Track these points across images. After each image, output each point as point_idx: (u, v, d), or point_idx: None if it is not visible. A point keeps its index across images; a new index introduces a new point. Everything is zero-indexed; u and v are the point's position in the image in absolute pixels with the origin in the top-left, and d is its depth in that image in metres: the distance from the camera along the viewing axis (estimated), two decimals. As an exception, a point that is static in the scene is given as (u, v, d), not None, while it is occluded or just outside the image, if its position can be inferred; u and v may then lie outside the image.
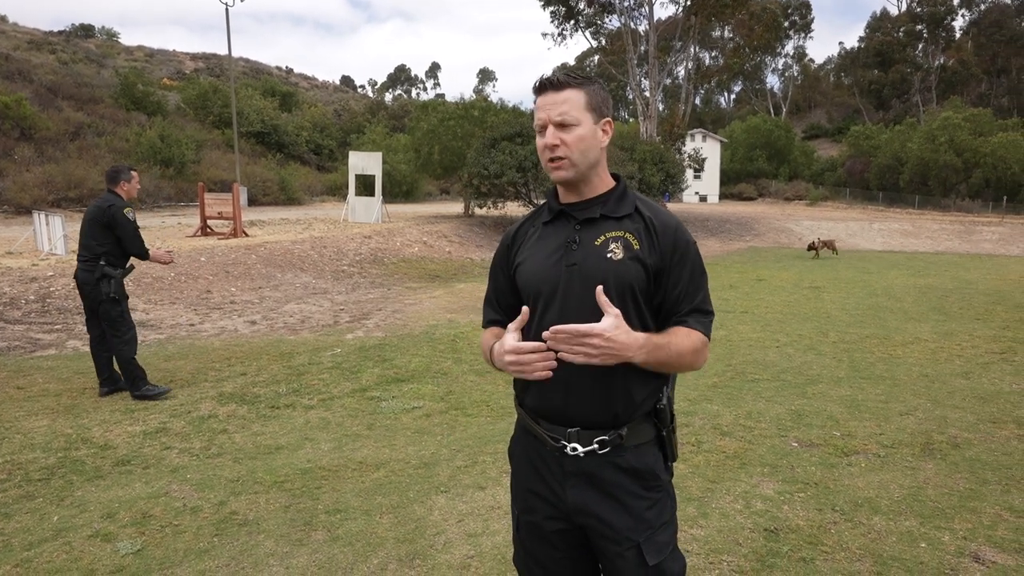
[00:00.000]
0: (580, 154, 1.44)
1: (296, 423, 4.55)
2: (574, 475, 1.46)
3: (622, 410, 1.44)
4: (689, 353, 1.42)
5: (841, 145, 51.02)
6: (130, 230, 4.92)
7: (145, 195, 22.51)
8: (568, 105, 1.42)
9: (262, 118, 35.06)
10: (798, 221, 28.68)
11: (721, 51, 43.13)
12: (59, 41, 51.48)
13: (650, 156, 20.44)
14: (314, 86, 72.36)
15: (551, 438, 1.47)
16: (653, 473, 1.47)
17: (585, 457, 1.44)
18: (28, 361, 6.22)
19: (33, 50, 43.24)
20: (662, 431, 1.49)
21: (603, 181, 1.52)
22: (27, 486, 3.47)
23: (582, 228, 1.47)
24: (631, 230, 1.46)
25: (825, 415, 4.65)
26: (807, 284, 12.18)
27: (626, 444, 1.45)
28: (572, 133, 1.42)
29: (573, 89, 1.43)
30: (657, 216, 1.48)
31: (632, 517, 1.44)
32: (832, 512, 3.18)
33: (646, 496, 1.46)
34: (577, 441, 1.44)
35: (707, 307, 1.48)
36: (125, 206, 4.95)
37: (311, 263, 12.86)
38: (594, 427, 1.44)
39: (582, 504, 1.46)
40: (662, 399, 1.48)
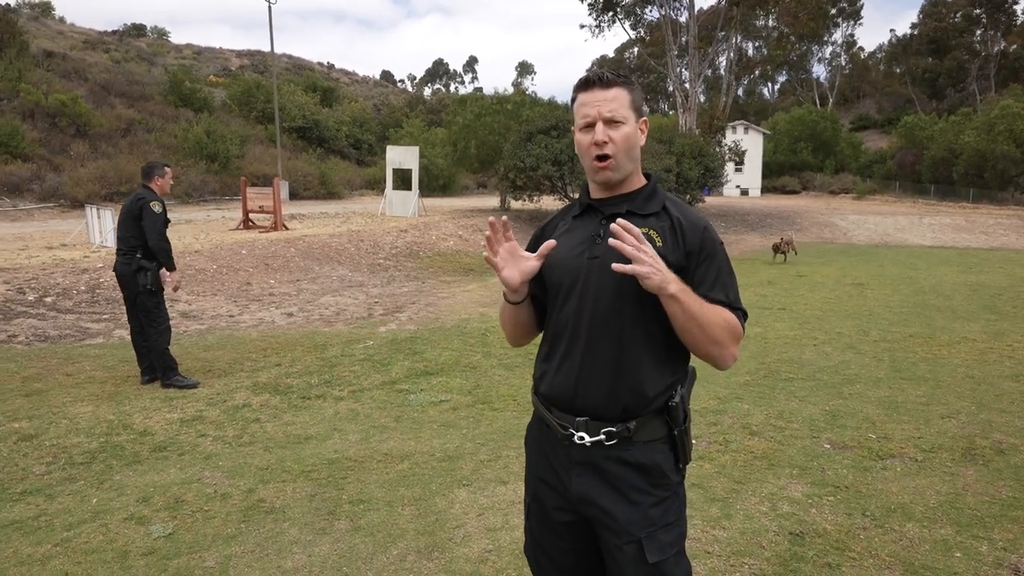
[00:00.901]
0: (626, 153, 1.45)
1: (326, 414, 4.64)
2: (580, 464, 1.47)
3: (632, 403, 1.43)
4: (723, 325, 1.39)
5: (891, 136, 49.20)
6: (151, 222, 5.04)
7: (191, 189, 23.23)
8: (617, 103, 1.43)
9: (304, 113, 35.72)
10: (843, 215, 27.82)
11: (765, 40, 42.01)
12: (113, 41, 53.36)
13: (689, 149, 20.06)
14: (355, 81, 73.37)
15: (560, 426, 1.48)
16: (661, 471, 1.45)
17: (592, 447, 1.44)
18: (77, 349, 6.49)
19: (88, 50, 44.92)
20: (674, 430, 1.47)
21: (637, 179, 1.53)
22: (70, 469, 3.63)
23: (608, 223, 1.47)
24: (656, 227, 1.46)
25: (861, 416, 4.51)
26: (850, 280, 11.82)
27: (635, 439, 1.44)
28: (620, 131, 1.44)
29: (620, 88, 1.45)
30: (685, 216, 1.48)
31: (635, 511, 1.43)
32: (862, 517, 3.09)
33: (652, 493, 1.45)
34: (585, 431, 1.44)
35: (739, 304, 1.46)
36: (154, 200, 5.11)
37: (348, 256, 13.08)
38: (603, 418, 1.44)
39: (585, 494, 1.47)
40: (675, 396, 1.47)
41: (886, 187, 42.76)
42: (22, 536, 2.90)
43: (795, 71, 65.68)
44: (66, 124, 23.71)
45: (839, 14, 59.37)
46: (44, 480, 3.49)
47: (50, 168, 21.04)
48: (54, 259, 10.02)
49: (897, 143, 45.17)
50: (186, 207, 21.47)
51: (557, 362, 1.50)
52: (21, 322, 7.36)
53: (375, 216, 19.41)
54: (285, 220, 15.92)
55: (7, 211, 18.11)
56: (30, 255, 10.41)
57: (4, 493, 3.32)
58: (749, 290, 10.63)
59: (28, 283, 8.58)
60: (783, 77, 68.65)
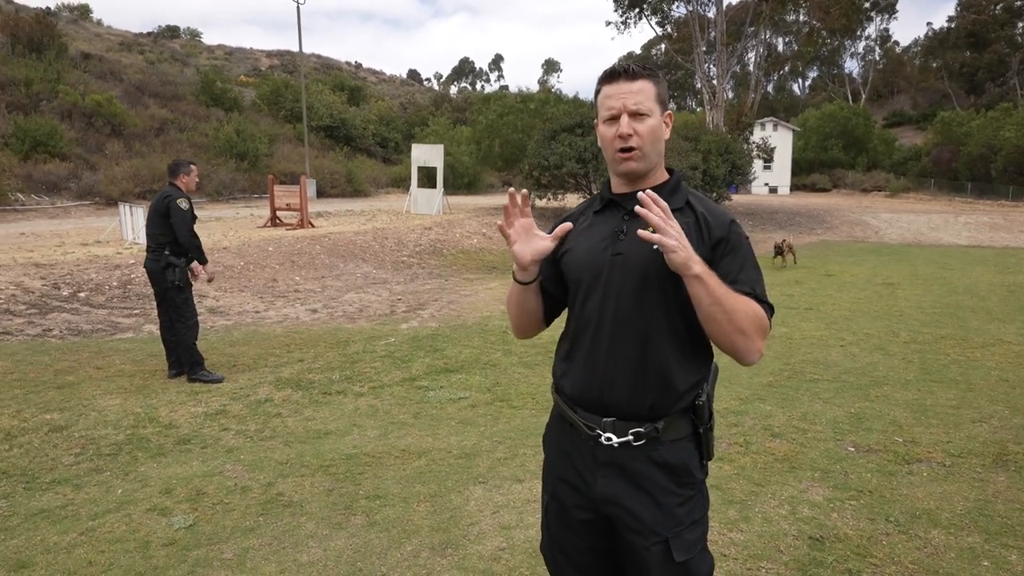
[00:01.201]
0: (651, 145, 1.44)
1: (346, 409, 4.69)
2: (606, 465, 1.45)
3: (659, 402, 1.42)
4: (750, 315, 1.34)
5: (926, 133, 47.91)
6: (179, 219, 5.16)
7: (221, 187, 23.67)
8: (643, 95, 1.42)
9: (331, 112, 36.11)
10: (875, 214, 27.19)
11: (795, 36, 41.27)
12: (147, 42, 54.59)
13: (715, 147, 19.79)
14: (382, 80, 73.96)
15: (586, 426, 1.46)
16: (687, 470, 1.45)
17: (619, 448, 1.43)
18: (108, 343, 6.66)
19: (124, 51, 46.01)
20: (699, 428, 1.47)
21: (661, 174, 1.51)
22: (97, 460, 3.73)
23: (631, 219, 1.45)
24: (679, 223, 1.42)
25: (888, 419, 4.40)
26: (881, 280, 11.55)
27: (662, 438, 1.43)
28: (645, 124, 1.42)
29: (646, 80, 1.43)
30: (709, 211, 1.46)
31: (662, 512, 1.42)
32: (886, 523, 3.02)
33: (678, 492, 1.44)
34: (612, 431, 1.42)
35: (766, 298, 1.41)
36: (180, 197, 5.22)
37: (372, 253, 13.20)
38: (630, 418, 1.42)
39: (612, 495, 1.45)
40: (701, 395, 1.46)
41: (920, 185, 41.68)
42: (49, 524, 2.99)
43: (826, 66, 64.36)
44: (102, 124, 24.33)
45: (872, 8, 57.99)
46: (72, 470, 3.58)
47: (86, 167, 21.61)
48: (88, 255, 10.29)
49: (932, 139, 43.97)
50: (216, 205, 21.88)
51: (580, 360, 1.48)
52: (56, 316, 7.58)
53: (400, 214, 19.55)
54: (311, 218, 16.13)
55: (45, 209, 18.66)
56: (66, 251, 10.71)
57: (34, 482, 3.42)
58: (775, 289, 10.46)
59: (63, 279, 8.82)
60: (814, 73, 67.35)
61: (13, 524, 2.99)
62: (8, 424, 4.23)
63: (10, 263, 9.43)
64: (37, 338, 6.76)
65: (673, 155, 17.88)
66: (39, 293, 8.26)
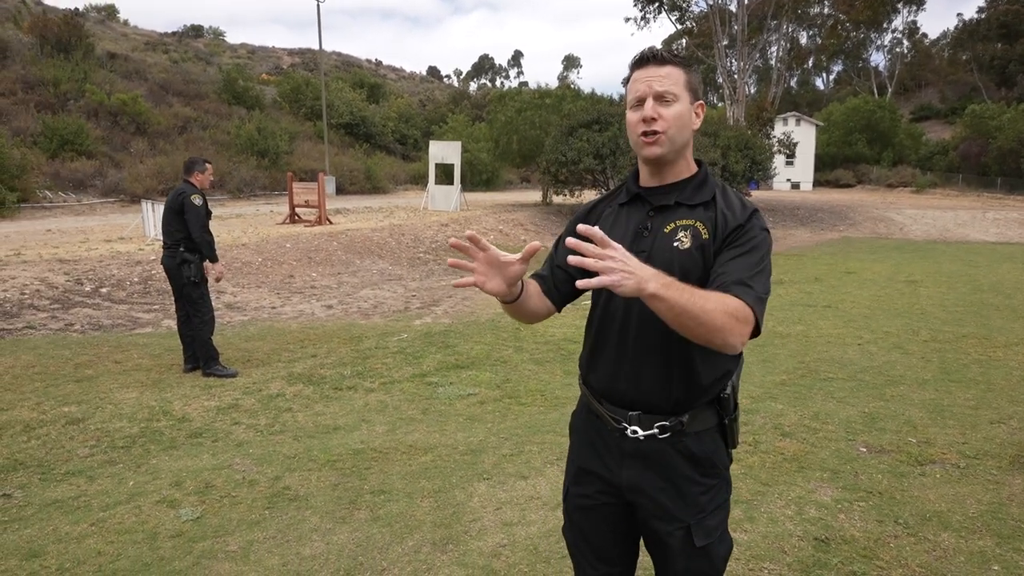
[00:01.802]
0: (676, 131, 1.41)
1: (356, 405, 4.73)
2: (632, 456, 1.47)
3: (684, 396, 1.43)
4: (718, 311, 1.24)
5: (955, 127, 46.79)
6: (193, 215, 5.23)
7: (242, 184, 23.97)
8: (670, 80, 1.40)
9: (351, 110, 36.35)
10: (900, 210, 26.65)
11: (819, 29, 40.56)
12: (172, 42, 55.39)
13: (735, 142, 19.55)
14: (401, 77, 74.25)
15: (613, 419, 1.48)
16: (711, 461, 1.47)
17: (645, 440, 1.45)
18: (127, 337, 6.78)
19: (149, 51, 46.74)
20: (724, 419, 1.48)
21: (687, 166, 1.49)
22: (111, 452, 3.80)
23: (655, 215, 1.45)
24: (704, 219, 1.42)
25: (902, 419, 4.32)
26: (903, 278, 11.33)
27: (687, 430, 1.44)
28: (671, 108, 1.39)
29: (676, 66, 1.42)
30: (730, 207, 1.43)
31: (686, 500, 1.45)
32: (894, 525, 2.97)
33: (702, 482, 1.46)
34: (638, 424, 1.44)
35: (757, 284, 1.33)
36: (194, 193, 5.29)
37: (388, 250, 13.27)
38: (656, 411, 1.44)
39: (637, 484, 1.48)
40: (727, 388, 1.46)
41: (948, 180, 40.75)
42: (62, 515, 3.06)
43: (851, 60, 63.17)
44: (127, 122, 24.76)
45: None
46: (87, 462, 3.66)
47: (112, 164, 22.02)
48: (111, 252, 10.49)
49: (961, 133, 42.93)
50: (237, 202, 22.17)
51: (606, 355, 1.49)
52: (78, 311, 7.74)
53: (417, 210, 19.62)
54: (329, 214, 16.27)
55: (72, 206, 19.05)
56: (90, 248, 10.94)
57: (49, 473, 3.50)
58: (795, 287, 10.32)
59: (86, 274, 9.01)
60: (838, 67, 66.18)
61: (27, 514, 3.07)
62: (28, 416, 4.34)
63: (36, 259, 9.65)
64: (59, 332, 6.92)
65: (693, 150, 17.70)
66: (62, 288, 8.44)
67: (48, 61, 26.04)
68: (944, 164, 42.50)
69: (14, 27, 31.06)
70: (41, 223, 15.52)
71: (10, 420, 4.25)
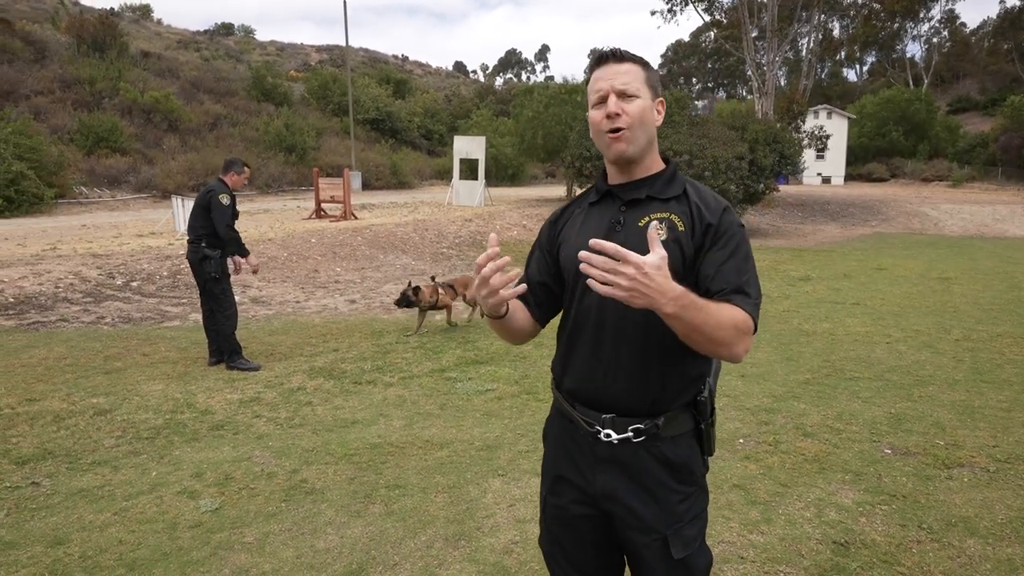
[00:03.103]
0: (640, 127, 1.40)
1: (374, 399, 4.76)
2: (606, 461, 1.43)
3: (660, 398, 1.40)
4: (728, 327, 1.27)
5: (995, 119, 45.27)
6: (219, 214, 5.34)
7: (271, 180, 24.34)
8: (630, 76, 1.40)
9: (377, 105, 36.59)
10: (935, 205, 25.92)
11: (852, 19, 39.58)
12: (204, 40, 56.36)
13: (763, 136, 19.18)
14: (427, 72, 74.48)
15: (585, 422, 1.44)
16: (688, 467, 1.43)
17: (618, 444, 1.41)
18: (156, 331, 6.94)
19: (181, 49, 47.63)
20: (700, 424, 1.45)
21: (654, 162, 1.47)
22: (136, 443, 3.89)
23: (628, 209, 1.43)
24: (678, 212, 1.40)
25: (930, 421, 4.21)
26: (936, 275, 11.02)
27: (662, 434, 1.40)
28: (633, 104, 1.39)
29: (635, 64, 1.42)
30: (703, 200, 1.41)
31: (661, 508, 1.41)
32: (918, 529, 2.89)
33: (679, 489, 1.42)
34: (611, 427, 1.40)
35: (751, 290, 1.34)
36: (223, 192, 5.40)
37: (412, 245, 13.35)
38: (630, 414, 1.40)
39: (611, 491, 1.43)
40: (703, 391, 1.43)
41: (987, 174, 39.45)
42: (87, 503, 3.14)
43: (885, 51, 61.50)
44: (159, 120, 25.28)
45: (938, -13, 55.04)
46: (112, 452, 3.75)
47: (144, 161, 22.52)
48: (142, 246, 10.74)
49: (1001, 125, 41.51)
50: (265, 197, 22.51)
51: (579, 356, 1.46)
52: (109, 305, 7.94)
53: (442, 205, 19.70)
54: (355, 209, 16.42)
55: (106, 201, 19.54)
56: (122, 242, 11.21)
57: (76, 463, 3.60)
58: (822, 283, 10.11)
59: (117, 268, 9.23)
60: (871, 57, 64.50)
61: (54, 502, 3.15)
62: (58, 407, 4.46)
63: (71, 253, 9.92)
64: (91, 325, 7.10)
65: (718, 145, 17.43)
66: (95, 282, 8.67)
67: (84, 60, 26.70)
68: (983, 157, 41.17)
69: (52, 27, 31.89)
70: (77, 218, 15.95)
71: (42, 410, 4.38)
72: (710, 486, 3.21)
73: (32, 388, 4.85)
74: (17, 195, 16.00)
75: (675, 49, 67.11)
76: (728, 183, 17.42)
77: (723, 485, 3.30)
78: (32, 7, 38.40)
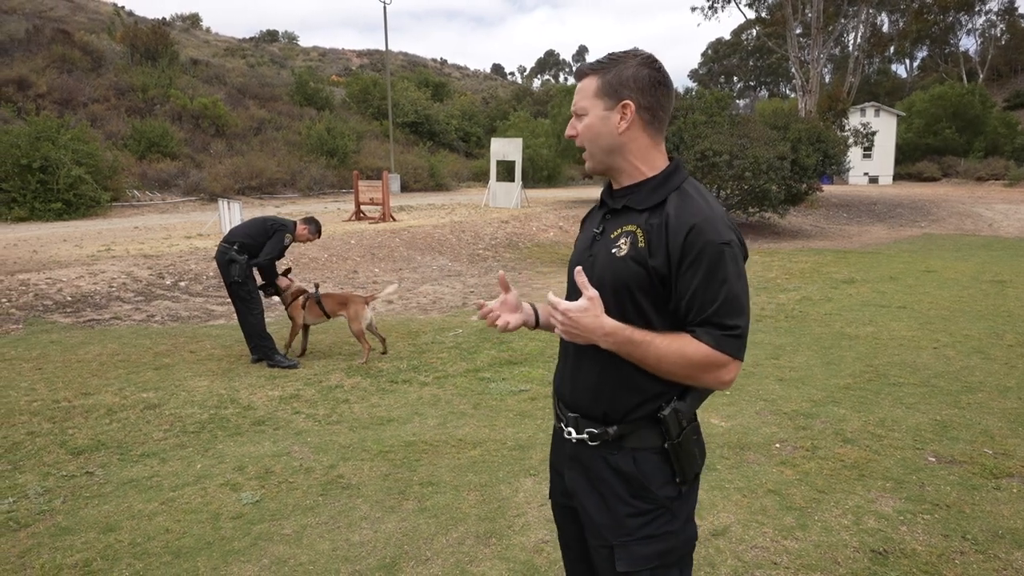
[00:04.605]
0: (590, 142, 1.43)
1: (410, 398, 4.85)
2: (571, 459, 1.50)
3: (611, 408, 1.40)
4: (678, 363, 1.28)
5: (1056, 115, 43.21)
6: (273, 246, 5.64)
7: (312, 183, 24.88)
8: (580, 95, 1.42)
9: (416, 108, 37.06)
10: (990, 205, 24.88)
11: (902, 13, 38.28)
12: (249, 47, 58.03)
13: (806, 135, 18.75)
14: (465, 75, 75.05)
15: (559, 418, 1.53)
16: (640, 482, 1.37)
17: (577, 444, 1.46)
18: (202, 329, 7.18)
19: (228, 56, 49.11)
20: (665, 443, 1.37)
21: (636, 170, 1.40)
22: (182, 437, 4.05)
23: (610, 218, 1.46)
24: (644, 226, 1.34)
25: (978, 429, 4.07)
26: (988, 278, 10.59)
27: (624, 444, 1.39)
28: (582, 122, 1.43)
29: (588, 77, 1.42)
30: (678, 213, 1.31)
31: (610, 516, 1.41)
32: (962, 540, 2.80)
33: (631, 503, 1.38)
34: (574, 426, 1.46)
35: (725, 320, 1.27)
36: (289, 234, 5.71)
37: (449, 246, 13.48)
38: (588, 417, 1.44)
39: (573, 489, 1.50)
40: (664, 409, 1.36)
41: (1047, 172, 37.66)
42: (136, 493, 3.29)
43: (937, 45, 59.33)
44: (207, 125, 26.12)
45: (995, -22, 52.84)
46: (160, 445, 3.91)
47: (193, 165, 23.29)
48: (190, 247, 11.12)
49: (1063, 122, 39.61)
50: (307, 199, 23.01)
51: (562, 355, 1.55)
52: (159, 303, 8.25)
53: (479, 207, 19.83)
54: (393, 211, 16.66)
55: (157, 204, 20.28)
56: (171, 244, 11.63)
57: (127, 454, 3.77)
58: (867, 286, 9.83)
59: (167, 268, 9.59)
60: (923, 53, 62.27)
61: (107, 491, 3.31)
62: (111, 400, 4.67)
63: (123, 254, 10.35)
64: (142, 323, 7.40)
65: (760, 144, 17.10)
66: (145, 282, 9.02)
67: (137, 69, 27.77)
68: (1043, 155, 39.31)
69: (108, 37, 33.28)
70: (129, 220, 16.61)
71: (96, 404, 4.60)
72: (743, 490, 3.20)
73: (87, 383, 5.09)
74: (75, 199, 16.74)
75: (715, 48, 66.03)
76: (770, 183, 17.08)
77: (757, 490, 3.26)
78: (89, 18, 40.13)
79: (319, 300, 5.85)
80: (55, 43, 26.74)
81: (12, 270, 8.93)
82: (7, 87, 22.34)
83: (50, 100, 22.73)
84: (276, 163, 24.31)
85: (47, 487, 3.33)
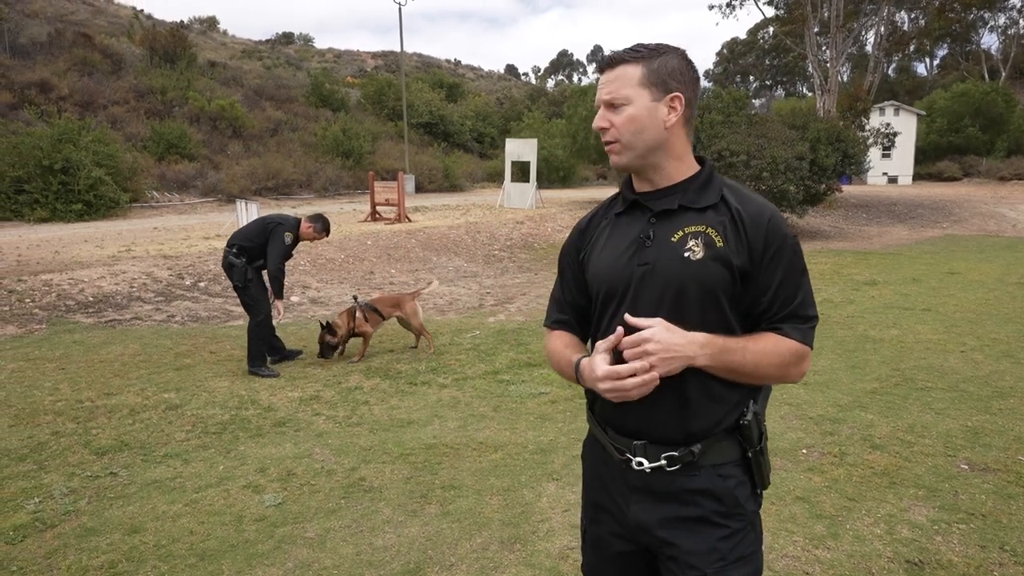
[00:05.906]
0: (632, 136, 1.30)
1: (429, 400, 4.83)
2: (639, 491, 1.34)
3: (695, 424, 1.29)
4: (774, 363, 1.26)
5: (1082, 113, 42.40)
6: (276, 248, 5.41)
7: (328, 184, 25.01)
8: (618, 83, 1.30)
9: (430, 109, 37.13)
10: (1014, 205, 24.43)
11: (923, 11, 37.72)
12: (265, 49, 58.54)
13: (825, 135, 18.51)
14: (479, 76, 75.12)
15: (616, 449, 1.36)
16: (733, 498, 1.30)
17: (652, 473, 1.31)
18: (222, 329, 7.22)
19: (245, 58, 49.57)
20: (748, 451, 1.32)
21: (680, 167, 1.33)
22: (204, 438, 4.06)
23: (658, 221, 1.31)
24: (714, 224, 1.27)
25: (1011, 435, 3.97)
26: (1015, 279, 10.38)
27: (702, 462, 1.30)
28: (621, 114, 1.30)
29: (628, 64, 1.30)
30: (746, 206, 1.28)
31: (702, 542, 1.30)
32: (999, 551, 2.72)
33: (720, 523, 1.30)
34: (643, 455, 1.31)
35: (807, 311, 1.29)
36: (289, 231, 5.51)
37: (464, 247, 13.47)
38: (663, 441, 1.30)
39: (645, 523, 1.34)
40: (746, 414, 1.30)
41: (1072, 172, 36.95)
42: (160, 494, 3.29)
43: (959, 43, 58.42)
44: (225, 126, 26.35)
45: (1018, -25, 51.87)
46: (183, 446, 3.92)
47: (211, 166, 23.50)
48: (209, 248, 11.20)
49: (1089, 120, 38.85)
50: (322, 200, 23.12)
51: None
52: (179, 304, 8.31)
53: (493, 208, 19.81)
54: (408, 212, 16.69)
55: (175, 205, 20.48)
56: (190, 244, 11.72)
57: (150, 455, 3.78)
58: (889, 288, 9.68)
59: (186, 269, 9.66)
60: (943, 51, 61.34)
61: (131, 492, 3.32)
62: (133, 401, 4.70)
63: (143, 255, 10.44)
64: (162, 324, 7.45)
65: (777, 144, 16.92)
66: (166, 282, 9.09)
67: (156, 71, 28.09)
68: (1068, 154, 38.58)
69: (128, 40, 33.69)
70: (149, 221, 16.78)
71: (118, 404, 4.62)
72: (771, 497, 3.14)
73: (110, 383, 5.12)
74: (96, 200, 16.94)
75: (731, 47, 65.53)
76: (788, 184, 16.89)
77: (785, 497, 3.20)
78: (109, 22, 40.68)
79: (374, 308, 5.96)
80: (76, 46, 27.15)
81: (35, 270, 9.04)
82: (30, 90, 22.68)
83: (71, 103, 23.04)
84: (292, 164, 24.45)
85: (72, 487, 3.34)
